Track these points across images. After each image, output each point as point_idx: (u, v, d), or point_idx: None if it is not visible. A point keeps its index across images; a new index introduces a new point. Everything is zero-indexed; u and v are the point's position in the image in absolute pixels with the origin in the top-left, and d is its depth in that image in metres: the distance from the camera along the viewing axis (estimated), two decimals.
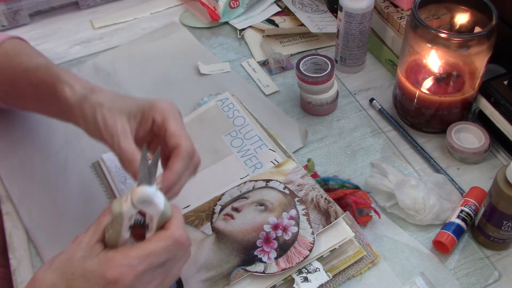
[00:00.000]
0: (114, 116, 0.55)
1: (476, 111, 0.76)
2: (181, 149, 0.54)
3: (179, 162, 0.53)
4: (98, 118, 0.55)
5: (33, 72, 0.63)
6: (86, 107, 0.56)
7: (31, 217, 0.68)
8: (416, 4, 0.68)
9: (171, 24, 0.97)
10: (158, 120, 0.55)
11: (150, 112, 0.55)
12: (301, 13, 0.95)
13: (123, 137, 0.54)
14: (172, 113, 0.56)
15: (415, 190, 0.65)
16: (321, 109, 0.79)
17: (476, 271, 0.62)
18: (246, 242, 0.59)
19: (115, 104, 0.56)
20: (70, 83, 0.59)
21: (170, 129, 0.55)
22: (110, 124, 0.54)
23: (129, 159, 0.53)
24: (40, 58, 0.66)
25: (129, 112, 0.55)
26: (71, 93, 0.58)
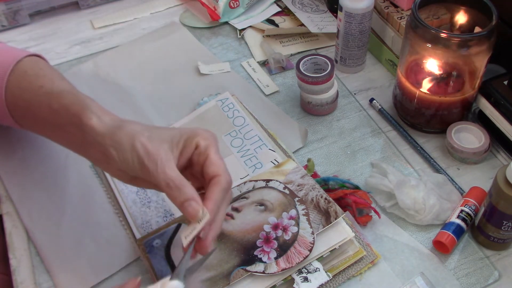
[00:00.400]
0: (155, 144, 0.52)
1: (476, 111, 0.76)
2: (221, 178, 0.52)
3: (218, 192, 0.52)
4: (138, 146, 0.52)
5: (56, 97, 0.59)
6: (122, 135, 0.53)
7: (31, 217, 0.68)
8: (416, 4, 0.68)
9: (171, 24, 0.97)
10: (202, 145, 0.54)
11: (195, 138, 0.54)
12: (301, 13, 0.95)
13: (168, 164, 0.51)
14: (215, 141, 0.55)
15: (415, 190, 0.65)
16: (321, 109, 0.79)
17: (476, 271, 0.62)
18: (246, 242, 0.59)
19: (154, 132, 0.54)
20: (98, 113, 0.56)
21: (212, 157, 0.53)
22: (153, 151, 0.51)
23: (177, 185, 0.50)
24: (62, 82, 0.63)
25: (171, 140, 0.53)
26: (99, 123, 0.55)
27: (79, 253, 0.65)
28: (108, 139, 0.53)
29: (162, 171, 0.51)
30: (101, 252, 0.65)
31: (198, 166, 0.54)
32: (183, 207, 0.50)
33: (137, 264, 0.64)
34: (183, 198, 0.50)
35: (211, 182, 0.52)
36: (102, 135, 0.54)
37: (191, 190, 0.51)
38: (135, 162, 0.52)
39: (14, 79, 0.64)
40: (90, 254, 0.64)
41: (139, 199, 0.68)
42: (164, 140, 0.53)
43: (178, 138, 0.54)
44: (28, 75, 0.64)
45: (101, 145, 0.54)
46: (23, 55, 0.66)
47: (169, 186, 0.50)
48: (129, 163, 0.52)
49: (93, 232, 0.66)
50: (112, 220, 0.67)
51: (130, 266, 0.64)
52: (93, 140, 0.54)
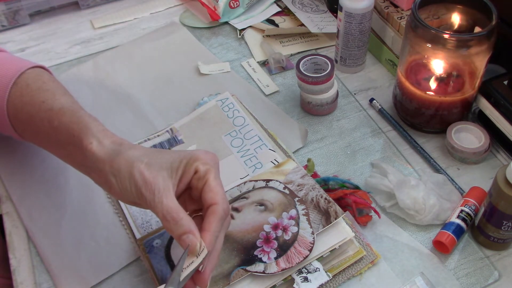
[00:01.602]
0: (154, 171, 0.51)
1: (476, 111, 0.76)
2: (219, 207, 0.50)
3: (216, 221, 0.50)
4: (136, 174, 0.50)
5: (57, 114, 0.58)
6: (121, 162, 0.51)
7: (31, 217, 0.68)
8: (416, 4, 0.68)
9: (171, 24, 0.97)
10: (201, 170, 0.52)
11: (194, 162, 0.52)
12: (301, 13, 0.95)
13: (166, 194, 0.50)
14: (215, 166, 0.53)
15: (415, 190, 0.65)
16: (321, 109, 0.79)
17: (476, 271, 0.62)
18: (246, 242, 0.59)
19: (153, 158, 0.52)
20: (98, 136, 0.54)
21: (211, 183, 0.51)
22: (151, 180, 0.50)
23: (174, 218, 0.49)
24: (64, 97, 0.61)
25: (171, 166, 0.52)
26: (99, 148, 0.53)
27: (79, 253, 0.65)
28: (108, 165, 0.52)
29: (159, 201, 0.49)
30: (101, 252, 0.65)
31: (196, 191, 0.53)
32: (180, 240, 0.49)
33: (137, 264, 0.64)
34: (181, 231, 0.49)
35: (208, 211, 0.51)
36: (102, 161, 0.53)
37: (188, 222, 0.49)
38: (133, 190, 0.51)
39: (17, 91, 0.63)
40: (90, 254, 0.64)
41: None
42: (163, 167, 0.51)
43: (177, 163, 0.52)
44: (31, 88, 0.63)
45: (101, 171, 0.53)
46: (27, 67, 0.65)
47: (166, 219, 0.49)
48: (128, 191, 0.51)
49: (93, 232, 0.66)
50: (112, 220, 0.67)
51: (130, 266, 0.64)
52: (93, 165, 0.53)
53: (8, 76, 0.64)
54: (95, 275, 0.63)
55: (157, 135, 0.76)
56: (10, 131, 0.66)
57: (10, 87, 0.63)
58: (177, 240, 0.49)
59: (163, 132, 0.76)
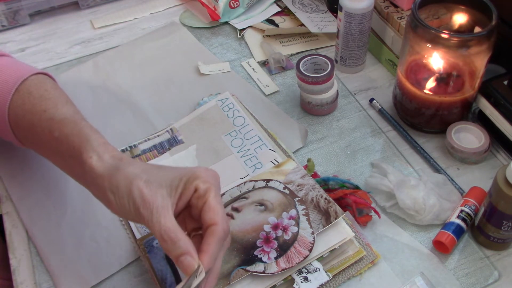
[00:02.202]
0: (153, 189, 0.49)
1: (476, 111, 0.76)
2: (218, 228, 0.49)
3: (215, 243, 0.49)
4: (135, 191, 0.49)
5: (58, 125, 0.57)
6: (120, 179, 0.50)
7: (31, 217, 0.68)
8: (416, 4, 0.68)
9: (171, 24, 0.97)
10: (201, 189, 0.51)
11: (194, 180, 0.51)
12: (301, 13, 0.95)
13: (164, 213, 0.48)
14: (216, 184, 0.52)
15: (415, 190, 0.65)
16: (321, 109, 0.79)
17: (476, 271, 0.62)
18: (246, 242, 0.59)
19: (153, 175, 0.51)
20: (98, 150, 0.53)
21: (210, 202, 0.50)
22: (149, 198, 0.49)
23: (172, 238, 0.48)
24: (66, 107, 0.61)
25: (170, 184, 0.51)
26: (99, 163, 0.52)
27: (79, 253, 0.65)
28: (107, 181, 0.51)
29: (157, 221, 0.48)
30: (101, 252, 0.64)
31: (196, 209, 0.52)
32: (178, 261, 0.48)
33: (137, 264, 0.64)
34: (178, 252, 0.48)
35: (208, 232, 0.49)
36: (101, 177, 0.52)
37: (186, 243, 0.48)
38: (131, 208, 0.50)
39: (18, 99, 0.62)
40: (90, 254, 0.64)
41: None
42: (162, 185, 0.50)
43: (177, 181, 0.51)
44: (33, 96, 0.62)
45: (100, 186, 0.52)
46: (29, 73, 0.64)
47: (164, 239, 0.48)
48: (126, 208, 0.50)
49: (93, 232, 0.66)
50: (112, 220, 0.67)
51: (130, 266, 0.64)
52: (92, 180, 0.53)
53: (10, 83, 0.63)
54: (95, 275, 0.63)
55: (157, 135, 0.76)
56: (11, 138, 0.66)
57: (12, 94, 0.62)
58: (175, 261, 0.48)
59: (163, 132, 0.76)
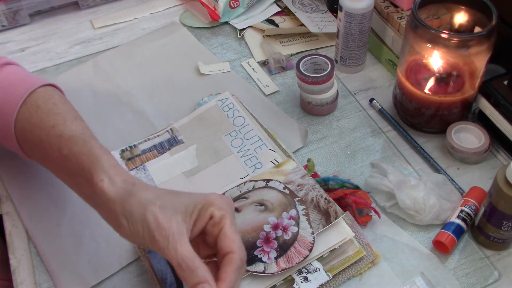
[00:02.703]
0: (168, 215, 0.48)
1: (476, 111, 0.76)
2: (235, 256, 0.48)
3: (233, 272, 0.48)
4: (149, 217, 0.48)
5: (67, 142, 0.56)
6: (133, 204, 0.49)
7: (31, 217, 0.68)
8: (416, 4, 0.68)
9: (171, 24, 0.97)
10: (217, 216, 0.49)
11: (209, 207, 0.50)
12: (301, 13, 0.95)
13: (180, 240, 0.47)
14: (230, 211, 0.51)
15: (415, 190, 0.65)
16: (321, 109, 0.79)
17: (476, 271, 0.62)
18: (246, 242, 0.59)
19: (167, 201, 0.50)
20: (109, 173, 0.52)
21: (227, 230, 0.49)
22: (165, 225, 0.47)
23: (190, 267, 0.46)
24: (75, 123, 0.59)
25: (185, 210, 0.49)
26: (110, 187, 0.51)
27: (79, 253, 0.65)
28: (119, 206, 0.50)
29: (173, 248, 0.47)
30: (101, 252, 0.64)
31: (211, 236, 0.50)
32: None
33: (137, 264, 0.64)
34: (196, 281, 0.46)
35: (225, 260, 0.48)
36: (113, 201, 0.50)
37: (203, 272, 0.47)
38: (145, 234, 0.48)
39: (26, 112, 0.61)
40: (90, 254, 0.64)
41: None
42: (177, 210, 0.49)
43: (192, 208, 0.50)
44: (41, 110, 0.61)
45: (112, 211, 0.50)
46: (37, 85, 0.63)
47: (181, 266, 0.47)
48: (140, 234, 0.49)
49: (93, 232, 0.66)
50: None
51: (130, 266, 0.64)
52: (102, 204, 0.51)
53: (18, 94, 0.62)
54: (95, 275, 0.63)
55: (157, 135, 0.76)
56: (17, 150, 0.65)
57: (19, 106, 0.61)
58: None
59: (163, 132, 0.76)
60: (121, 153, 0.74)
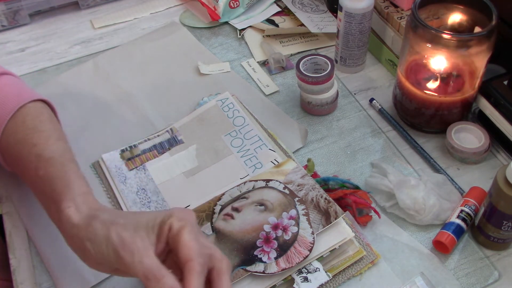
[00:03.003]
0: (131, 231, 0.49)
1: (476, 111, 0.76)
2: (193, 264, 0.48)
3: (195, 279, 0.47)
4: (113, 236, 0.49)
5: (45, 163, 0.57)
6: (97, 226, 0.50)
7: (31, 217, 0.68)
8: (416, 4, 0.68)
9: (171, 24, 0.97)
10: (175, 227, 0.49)
11: (168, 219, 0.50)
12: (301, 13, 0.95)
13: (146, 253, 0.48)
14: (191, 222, 0.50)
15: (415, 190, 0.65)
16: (321, 109, 0.79)
17: (476, 271, 0.62)
18: (246, 242, 0.59)
19: (129, 219, 0.51)
20: (77, 200, 0.53)
21: (184, 238, 0.49)
22: (129, 240, 0.48)
23: (156, 276, 0.46)
24: (57, 144, 0.60)
25: (146, 226, 0.50)
26: (76, 214, 0.52)
27: None
28: (83, 230, 0.51)
29: (139, 260, 0.47)
30: None
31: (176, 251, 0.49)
32: None
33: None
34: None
35: (185, 270, 0.48)
36: (77, 226, 0.51)
37: (171, 280, 0.47)
38: (110, 254, 0.49)
39: (13, 126, 0.62)
40: None
41: (139, 199, 0.68)
42: (140, 226, 0.50)
43: (153, 222, 0.50)
44: (26, 126, 0.61)
45: (76, 236, 0.51)
46: (28, 99, 0.63)
47: (148, 278, 0.47)
48: (105, 256, 0.49)
49: None
50: None
51: None
52: (68, 230, 0.52)
53: (8, 108, 0.62)
54: (95, 275, 0.63)
55: (157, 135, 0.76)
56: (1, 161, 0.66)
57: (8, 120, 0.61)
58: None
59: (163, 132, 0.76)
60: (121, 153, 0.74)
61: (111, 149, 0.75)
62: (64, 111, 0.81)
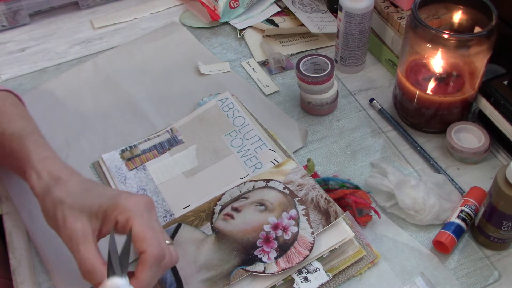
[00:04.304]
0: (74, 215, 0.51)
1: (476, 111, 0.76)
2: (147, 255, 0.49)
3: (145, 270, 0.49)
4: (58, 216, 0.51)
5: (8, 140, 0.60)
6: (48, 202, 0.53)
7: (31, 217, 0.68)
8: (416, 4, 0.68)
9: (171, 24, 0.97)
10: (121, 220, 0.50)
11: (113, 212, 0.51)
12: (301, 13, 0.95)
13: (83, 241, 0.49)
14: (138, 210, 0.51)
15: (415, 190, 0.65)
16: (321, 109, 0.79)
17: (476, 271, 0.62)
18: (246, 242, 0.59)
19: (76, 201, 0.52)
20: (37, 167, 0.55)
21: (135, 230, 0.49)
22: (70, 226, 0.50)
23: (88, 269, 0.48)
24: (20, 121, 0.62)
25: (90, 211, 0.51)
26: (37, 182, 0.55)
27: None
28: (41, 201, 0.54)
29: (76, 249, 0.49)
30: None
31: None
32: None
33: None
34: (95, 282, 0.48)
35: (139, 260, 0.49)
36: (37, 196, 0.55)
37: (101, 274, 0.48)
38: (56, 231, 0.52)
39: None
40: None
41: None
42: (83, 211, 0.51)
43: (97, 208, 0.51)
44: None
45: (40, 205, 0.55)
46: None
47: (81, 268, 0.49)
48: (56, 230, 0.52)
49: None
50: None
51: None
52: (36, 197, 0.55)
53: None
54: None
55: (157, 135, 0.76)
56: None
57: None
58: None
59: (163, 132, 0.76)
60: (121, 153, 0.74)
61: (111, 149, 0.75)
62: (64, 111, 0.81)
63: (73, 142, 0.77)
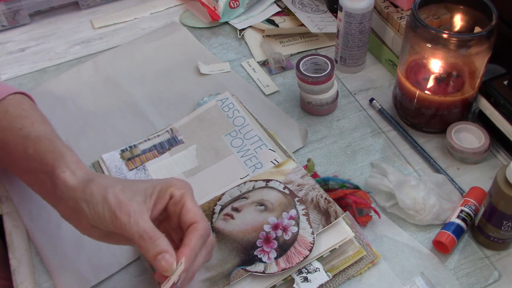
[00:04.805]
0: (128, 195, 0.51)
1: (476, 111, 0.76)
2: (198, 225, 0.51)
3: (196, 238, 0.50)
4: (110, 197, 0.50)
5: (33, 142, 0.59)
6: (94, 188, 0.52)
7: (31, 217, 0.68)
8: (416, 4, 0.68)
9: (171, 24, 0.97)
10: (177, 195, 0.52)
11: (169, 188, 0.53)
12: (301, 13, 0.95)
13: (142, 215, 0.50)
14: (190, 190, 0.54)
15: (415, 190, 0.65)
16: (321, 109, 0.79)
17: (476, 271, 0.62)
18: (246, 242, 0.59)
19: (126, 185, 0.52)
20: (71, 166, 0.54)
21: (188, 204, 0.52)
22: (126, 202, 0.50)
23: (151, 237, 0.49)
24: (42, 125, 0.62)
25: (144, 192, 0.52)
26: (71, 177, 0.53)
27: (79, 253, 0.65)
28: (80, 192, 0.52)
29: (135, 222, 0.49)
30: (101, 252, 0.64)
31: (175, 217, 0.53)
32: (156, 260, 0.48)
33: (137, 264, 0.64)
34: (157, 250, 0.48)
35: (189, 229, 0.51)
36: (73, 189, 0.52)
37: (165, 242, 0.49)
38: (106, 215, 0.50)
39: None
40: (90, 254, 0.64)
41: None
42: (137, 192, 0.52)
43: (151, 189, 0.52)
44: (10, 115, 0.63)
45: (72, 199, 0.52)
46: (7, 93, 0.65)
47: (143, 238, 0.49)
48: (101, 217, 0.50)
49: None
50: None
51: (130, 266, 0.64)
52: (63, 194, 0.53)
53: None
54: (95, 275, 0.63)
55: (157, 135, 0.76)
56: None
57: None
58: (152, 261, 0.49)
59: (163, 132, 0.76)
60: (121, 153, 0.74)
61: (111, 149, 0.75)
62: (64, 111, 0.81)
63: (73, 142, 0.77)
